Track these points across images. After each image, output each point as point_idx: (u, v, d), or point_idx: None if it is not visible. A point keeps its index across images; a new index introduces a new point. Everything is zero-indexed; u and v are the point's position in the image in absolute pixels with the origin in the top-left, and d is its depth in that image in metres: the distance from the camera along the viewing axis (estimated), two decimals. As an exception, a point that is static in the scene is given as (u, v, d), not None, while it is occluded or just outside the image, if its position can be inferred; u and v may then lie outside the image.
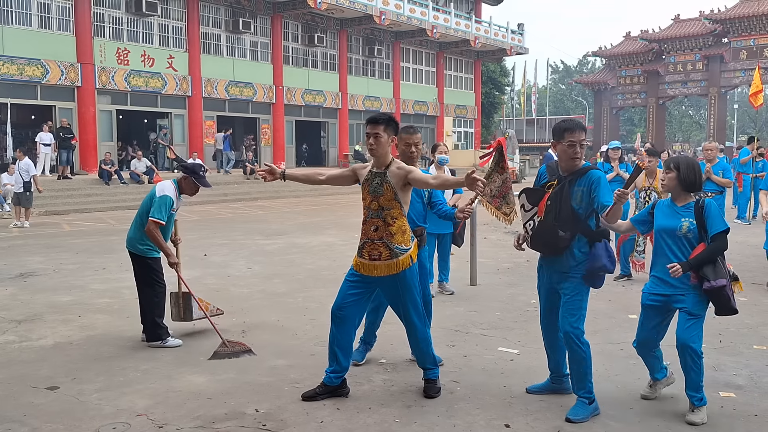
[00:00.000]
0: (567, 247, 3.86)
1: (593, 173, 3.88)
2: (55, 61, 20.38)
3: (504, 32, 36.64)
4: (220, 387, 4.40)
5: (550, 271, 4.04)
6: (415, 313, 4.19)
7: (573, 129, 3.88)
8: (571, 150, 3.87)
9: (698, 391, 3.88)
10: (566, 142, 3.87)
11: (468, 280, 7.78)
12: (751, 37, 38.14)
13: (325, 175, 4.41)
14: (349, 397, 4.19)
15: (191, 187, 5.49)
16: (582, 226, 3.87)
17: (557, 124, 4.01)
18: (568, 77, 71.15)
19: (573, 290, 3.93)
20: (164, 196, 5.29)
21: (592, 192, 3.82)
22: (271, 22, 27.11)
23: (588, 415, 3.88)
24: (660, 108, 44.02)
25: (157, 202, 5.25)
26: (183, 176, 5.49)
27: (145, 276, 5.42)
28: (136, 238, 5.39)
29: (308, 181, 4.48)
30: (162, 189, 5.35)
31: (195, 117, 24.54)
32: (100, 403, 4.12)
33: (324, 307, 5.97)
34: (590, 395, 3.94)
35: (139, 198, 18.90)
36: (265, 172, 4.34)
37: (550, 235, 3.85)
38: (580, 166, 3.91)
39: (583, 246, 3.90)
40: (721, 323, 6.01)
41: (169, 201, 5.30)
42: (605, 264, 3.85)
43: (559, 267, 3.96)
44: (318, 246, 10.94)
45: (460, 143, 37.14)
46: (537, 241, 3.96)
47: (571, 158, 3.88)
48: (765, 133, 56.51)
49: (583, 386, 3.95)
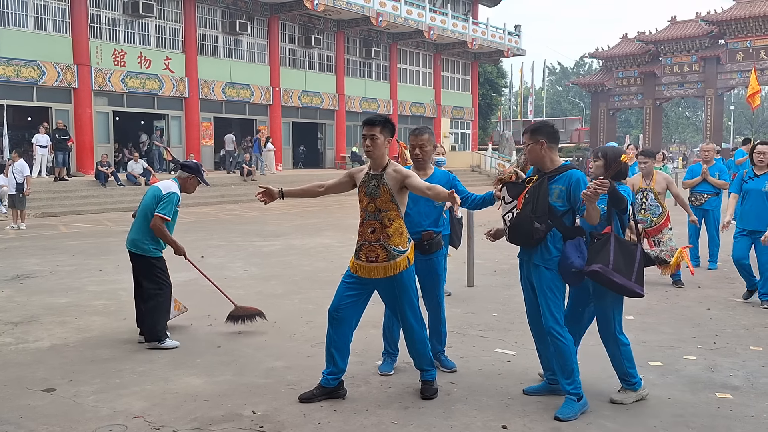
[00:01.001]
0: (542, 239, 3.96)
1: (573, 173, 3.97)
2: (52, 63, 20.36)
3: (501, 34, 36.70)
4: (216, 389, 4.39)
5: (528, 264, 4.12)
6: (412, 314, 4.19)
7: (525, 131, 4.12)
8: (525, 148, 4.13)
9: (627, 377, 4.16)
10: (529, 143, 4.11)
11: (465, 282, 7.79)
12: (748, 38, 38.24)
13: (324, 186, 4.40)
14: (346, 399, 4.19)
15: (193, 185, 5.59)
16: (557, 221, 3.95)
17: (526, 127, 4.19)
18: (565, 79, 71.27)
19: (547, 285, 3.99)
20: (172, 194, 5.37)
21: (571, 193, 3.93)
22: (268, 24, 27.12)
23: (577, 413, 3.90)
24: (657, 109, 44.10)
25: (165, 198, 5.31)
26: (188, 176, 5.55)
27: (150, 276, 5.41)
28: (139, 238, 5.38)
29: (308, 194, 4.44)
30: (167, 187, 5.41)
31: (192, 118, 24.53)
32: (97, 405, 4.11)
33: (321, 308, 5.97)
34: (578, 392, 3.97)
35: (136, 200, 18.85)
36: (263, 195, 4.32)
37: (526, 225, 3.95)
38: (553, 164, 4.04)
39: (558, 242, 3.98)
40: (717, 324, 6.03)
41: (176, 198, 5.39)
42: (574, 262, 3.91)
43: (535, 260, 4.05)
44: (315, 248, 10.94)
45: (458, 145, 37.18)
46: (514, 231, 4.06)
47: (528, 156, 4.09)
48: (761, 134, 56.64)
49: (571, 381, 3.98)
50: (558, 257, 3.98)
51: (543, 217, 3.92)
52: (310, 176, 25.31)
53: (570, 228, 3.99)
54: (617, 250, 3.96)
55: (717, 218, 8.88)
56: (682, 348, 5.30)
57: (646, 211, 7.70)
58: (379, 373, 4.53)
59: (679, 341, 5.50)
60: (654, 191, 7.66)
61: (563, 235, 3.98)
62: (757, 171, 6.79)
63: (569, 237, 3.98)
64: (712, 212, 8.88)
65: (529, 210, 3.96)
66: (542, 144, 4.01)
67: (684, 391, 4.36)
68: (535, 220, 3.92)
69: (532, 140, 4.05)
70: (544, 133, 4.04)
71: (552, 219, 3.94)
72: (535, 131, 4.07)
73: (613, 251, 3.94)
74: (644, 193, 7.72)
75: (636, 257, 4.02)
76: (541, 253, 4.00)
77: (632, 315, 6.35)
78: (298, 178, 24.85)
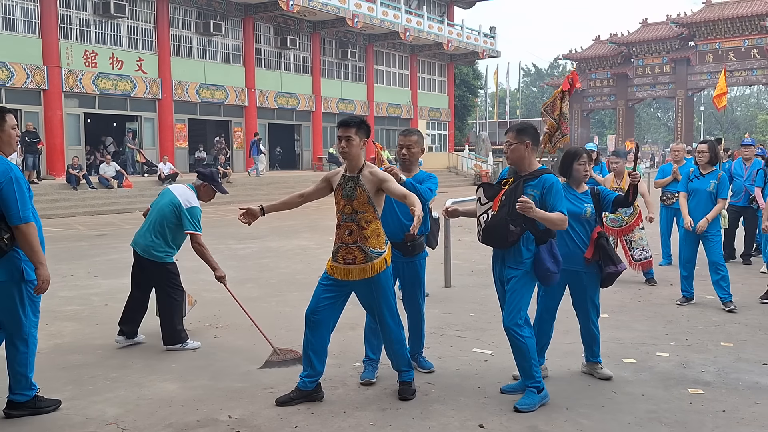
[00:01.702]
0: (516, 241, 4.02)
1: (547, 177, 4.05)
2: (21, 64, 20.02)
3: (476, 36, 36.91)
4: (192, 394, 4.34)
5: (501, 265, 4.19)
6: (389, 315, 4.18)
7: (510, 130, 4.22)
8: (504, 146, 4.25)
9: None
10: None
11: (442, 282, 7.81)
12: (717, 40, 38.95)
13: (303, 195, 4.37)
14: (323, 401, 4.18)
15: (209, 193, 5.52)
16: (531, 224, 4.02)
17: (511, 126, 4.30)
18: (539, 80, 71.82)
19: (516, 285, 4.06)
20: (194, 208, 5.29)
21: (544, 197, 4.00)
22: (242, 25, 26.96)
23: (536, 404, 4.01)
24: (629, 110, 44.72)
25: (188, 214, 5.24)
26: (202, 183, 5.47)
27: (165, 281, 5.34)
28: (154, 246, 5.28)
29: (288, 206, 4.41)
30: (188, 199, 5.31)
31: (165, 120, 24.28)
32: (69, 413, 4.04)
33: (298, 311, 5.93)
34: (538, 384, 4.06)
35: (108, 203, 18.68)
36: (245, 216, 4.25)
37: (501, 228, 4.01)
38: (531, 167, 4.11)
39: (530, 244, 4.05)
40: (689, 321, 6.12)
41: (199, 211, 5.35)
42: (548, 267, 4.01)
43: (507, 261, 4.12)
44: (292, 250, 10.89)
45: (434, 146, 37.31)
46: (488, 233, 4.10)
47: (505, 154, 4.23)
48: (731, 134, 57.66)
49: (531, 376, 4.07)
50: (530, 259, 4.05)
51: (518, 220, 3.97)
52: (286, 178, 25.24)
53: (543, 231, 4.04)
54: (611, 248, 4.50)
55: None
56: (655, 345, 5.37)
57: (618, 211, 7.79)
58: (360, 382, 4.50)
59: (652, 338, 5.57)
60: (625, 190, 7.75)
61: (536, 238, 4.04)
62: (702, 170, 6.76)
63: (542, 240, 4.04)
64: (682, 211, 8.99)
65: (504, 212, 4.00)
66: (527, 145, 4.08)
67: (657, 387, 4.41)
68: (510, 222, 3.96)
69: (518, 140, 4.10)
70: (530, 135, 4.11)
71: (526, 222, 3.99)
72: (521, 131, 4.12)
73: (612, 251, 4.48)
74: None
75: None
76: (513, 255, 4.07)
77: (606, 313, 6.42)
78: (275, 179, 24.75)
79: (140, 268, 5.43)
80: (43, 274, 3.76)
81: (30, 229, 3.71)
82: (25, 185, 3.78)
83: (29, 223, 3.71)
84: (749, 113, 67.73)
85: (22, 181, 3.74)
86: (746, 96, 70.56)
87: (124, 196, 19.41)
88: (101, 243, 12.10)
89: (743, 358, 4.99)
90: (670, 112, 62.47)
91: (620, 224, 7.82)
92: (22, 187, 3.71)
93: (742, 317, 6.24)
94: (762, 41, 37.56)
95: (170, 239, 5.32)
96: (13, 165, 3.80)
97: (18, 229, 3.69)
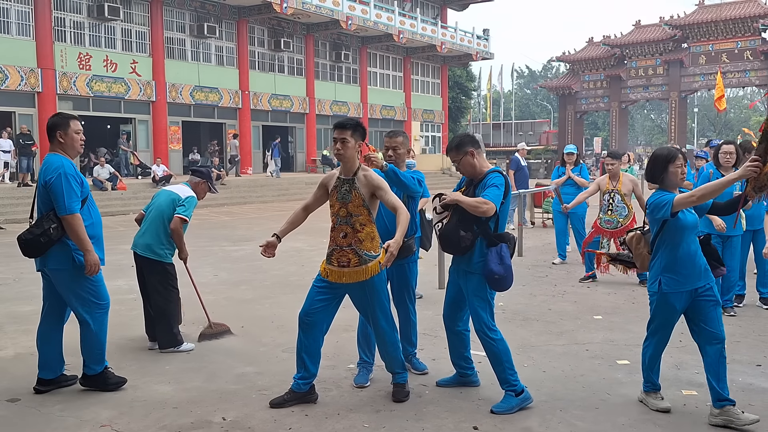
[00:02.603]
0: (469, 247, 4.04)
1: (491, 175, 4.09)
2: (15, 67, 19.96)
3: (470, 37, 36.97)
4: (186, 396, 4.34)
5: (458, 270, 4.23)
6: (383, 317, 4.19)
7: (449, 150, 4.21)
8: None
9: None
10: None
11: (436, 284, 7.81)
12: (710, 42, 39.11)
13: (306, 207, 4.36)
14: (317, 403, 4.17)
15: (203, 190, 5.63)
16: (483, 227, 4.05)
17: (448, 145, 4.30)
18: (533, 82, 72.07)
19: (474, 289, 4.10)
20: (192, 198, 5.43)
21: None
22: (236, 27, 26.95)
23: (514, 407, 4.01)
24: (623, 112, 44.84)
25: (185, 202, 5.36)
26: (200, 181, 5.57)
27: (165, 282, 5.36)
28: (155, 243, 5.31)
29: (297, 224, 4.38)
30: (185, 191, 5.47)
31: (159, 122, 24.24)
32: (63, 415, 4.03)
33: (292, 313, 5.93)
34: (515, 388, 4.06)
35: (102, 205, 18.53)
36: (266, 251, 4.27)
37: (453, 234, 4.04)
38: (482, 171, 4.15)
39: (484, 248, 4.06)
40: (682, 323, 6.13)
41: (196, 202, 5.48)
42: (493, 269, 3.96)
43: (463, 266, 4.17)
44: (286, 252, 10.88)
45: (428, 148, 37.36)
46: (443, 241, 4.15)
47: (463, 170, 4.19)
48: (724, 135, 57.94)
49: (505, 380, 4.09)
50: (481, 263, 4.06)
51: (468, 225, 4.00)
52: (279, 180, 25.21)
53: (494, 234, 4.06)
54: None
55: None
56: (649, 346, 5.37)
57: (613, 212, 7.82)
58: (354, 385, 4.50)
59: (646, 340, 5.57)
60: (621, 192, 7.78)
61: (487, 242, 4.04)
62: (724, 173, 6.69)
63: (492, 243, 4.03)
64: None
65: (455, 219, 4.05)
66: (471, 153, 4.12)
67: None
68: (460, 228, 4.00)
69: (461, 154, 4.14)
70: (468, 143, 4.15)
71: (478, 225, 4.02)
72: (459, 145, 4.15)
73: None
74: (611, 194, 7.84)
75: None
76: (468, 259, 4.10)
77: (600, 314, 6.45)
78: (268, 182, 24.73)
79: (142, 272, 5.45)
80: (89, 258, 4.19)
81: (75, 220, 4.13)
82: (75, 182, 4.18)
83: (74, 215, 4.13)
84: (743, 115, 68.06)
85: (71, 178, 4.15)
86: (739, 98, 70.90)
87: (118, 199, 19.36)
88: (95, 245, 12.04)
89: (737, 360, 5.01)
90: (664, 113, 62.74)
91: (615, 226, 7.83)
92: (70, 183, 4.14)
93: (736, 319, 6.27)
94: (755, 43, 37.76)
95: (169, 236, 5.35)
96: (67, 162, 4.23)
97: (65, 219, 4.13)
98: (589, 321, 6.24)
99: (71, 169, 4.20)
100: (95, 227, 4.33)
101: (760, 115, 63.90)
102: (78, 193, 4.19)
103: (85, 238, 4.16)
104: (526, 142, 19.05)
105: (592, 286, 7.85)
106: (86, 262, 4.19)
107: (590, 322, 6.18)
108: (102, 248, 4.36)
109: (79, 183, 4.22)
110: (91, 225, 4.28)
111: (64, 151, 4.30)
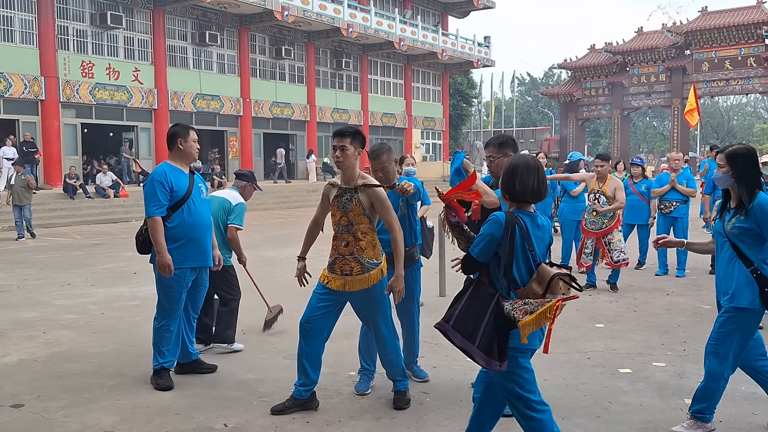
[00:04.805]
0: None
1: None
2: (18, 75, 20.04)
3: (471, 45, 37.04)
4: (187, 402, 4.35)
5: None
6: (384, 325, 4.20)
7: (490, 144, 4.30)
8: None
9: None
10: None
11: (437, 291, 7.82)
12: (713, 49, 39.10)
13: (316, 221, 4.41)
14: (318, 410, 4.18)
15: (250, 192, 5.84)
16: None
17: (491, 140, 4.36)
18: (534, 89, 72.07)
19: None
20: (241, 204, 5.59)
21: None
22: (237, 35, 27.04)
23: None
24: (624, 119, 44.82)
25: (236, 210, 5.51)
26: (247, 184, 5.79)
27: (228, 284, 5.55)
28: (222, 250, 5.41)
29: (313, 239, 4.48)
30: (235, 198, 5.60)
31: (161, 130, 24.26)
32: (66, 421, 4.04)
33: (293, 320, 5.94)
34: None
35: (105, 212, 18.67)
36: (300, 276, 4.42)
37: None
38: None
39: None
40: (685, 331, 6.14)
41: (245, 207, 5.64)
42: None
43: None
44: (287, 259, 10.88)
45: (429, 155, 37.36)
46: None
47: (494, 169, 4.28)
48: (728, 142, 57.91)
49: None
50: None
51: None
52: (280, 187, 25.24)
53: None
54: (469, 302, 3.09)
55: (685, 226, 9.07)
56: (651, 355, 5.39)
57: (598, 213, 7.90)
58: (355, 393, 4.50)
59: (648, 348, 5.58)
60: (605, 194, 7.89)
61: None
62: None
63: None
64: (680, 220, 9.06)
65: None
66: (510, 156, 4.08)
67: (653, 397, 4.43)
68: None
69: (500, 153, 4.16)
70: (511, 147, 4.18)
71: None
72: (502, 145, 4.18)
73: (463, 304, 3.11)
74: (596, 195, 7.97)
75: (485, 316, 3.00)
76: None
77: (602, 323, 6.45)
78: (268, 189, 24.75)
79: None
80: (159, 260, 4.48)
81: (152, 223, 4.47)
82: (162, 188, 4.48)
83: (153, 218, 4.46)
84: (746, 122, 68.02)
85: (157, 184, 4.48)
86: (743, 105, 70.88)
87: (120, 206, 19.41)
88: (98, 252, 12.10)
89: (740, 369, 4.99)
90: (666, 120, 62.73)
91: (600, 227, 7.95)
92: (154, 189, 4.47)
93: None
94: (758, 50, 37.72)
95: (226, 242, 5.51)
96: (160, 170, 4.58)
97: (148, 221, 4.50)
98: (591, 329, 6.24)
99: (162, 176, 4.51)
100: (186, 229, 4.57)
101: (763, 122, 63.94)
102: (162, 199, 4.48)
103: (159, 240, 4.45)
104: (528, 149, 19.07)
105: (594, 294, 7.85)
106: (157, 262, 4.50)
107: (592, 330, 6.18)
108: (201, 250, 4.66)
109: (166, 189, 4.50)
110: (176, 227, 4.53)
111: (181, 158, 4.69)
